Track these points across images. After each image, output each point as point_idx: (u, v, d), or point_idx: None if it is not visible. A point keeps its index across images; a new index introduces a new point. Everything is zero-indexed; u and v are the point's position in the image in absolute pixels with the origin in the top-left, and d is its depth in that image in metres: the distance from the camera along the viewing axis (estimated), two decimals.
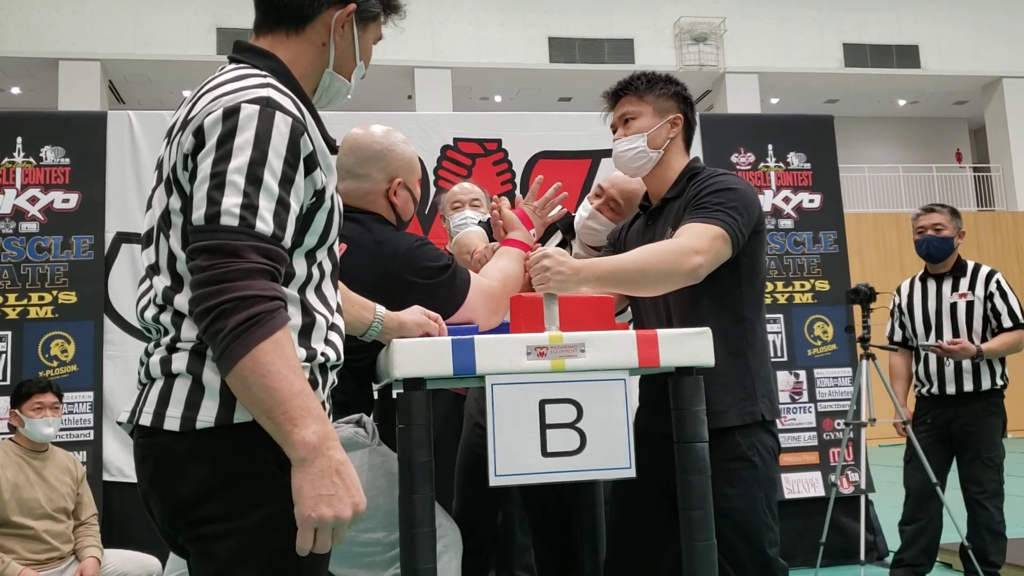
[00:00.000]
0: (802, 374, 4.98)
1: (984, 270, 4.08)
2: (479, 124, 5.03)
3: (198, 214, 1.28)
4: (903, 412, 4.10)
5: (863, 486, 4.26)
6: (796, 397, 4.95)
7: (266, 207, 1.29)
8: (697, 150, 5.18)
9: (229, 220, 1.26)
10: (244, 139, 1.30)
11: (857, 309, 4.30)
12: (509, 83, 16.98)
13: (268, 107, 1.33)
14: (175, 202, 1.35)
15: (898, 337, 4.28)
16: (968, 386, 3.96)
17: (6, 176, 4.57)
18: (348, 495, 1.25)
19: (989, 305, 4.00)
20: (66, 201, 4.58)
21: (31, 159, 4.60)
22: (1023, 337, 3.95)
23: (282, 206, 1.31)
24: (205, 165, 1.30)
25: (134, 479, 1.42)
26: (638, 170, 2.38)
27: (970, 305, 4.01)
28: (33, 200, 4.57)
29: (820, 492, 4.77)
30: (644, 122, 2.35)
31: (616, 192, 2.70)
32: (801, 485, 4.82)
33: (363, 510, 1.27)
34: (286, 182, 1.32)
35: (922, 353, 4.10)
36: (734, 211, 2.17)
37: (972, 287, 4.04)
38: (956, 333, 4.01)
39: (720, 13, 16.58)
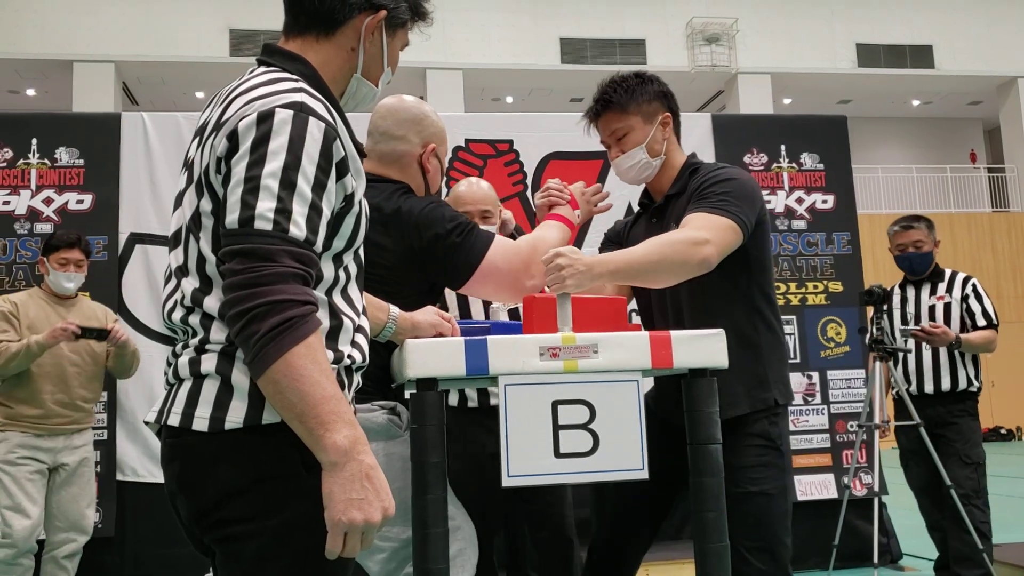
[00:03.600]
0: (815, 375, 4.95)
1: (960, 276, 4.25)
2: (491, 125, 5.03)
3: (231, 218, 1.29)
4: (886, 413, 4.20)
5: (876, 488, 4.24)
6: (809, 399, 4.92)
7: (299, 212, 1.30)
8: (709, 150, 5.23)
9: (263, 224, 1.27)
10: (278, 144, 1.31)
11: (870, 310, 4.29)
12: (520, 84, 16.97)
13: (302, 112, 1.34)
14: (206, 204, 1.36)
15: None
16: (946, 384, 4.08)
17: (21, 177, 4.60)
18: (378, 499, 1.26)
19: (964, 306, 4.16)
20: (80, 202, 4.61)
21: (46, 160, 4.63)
22: (995, 337, 4.11)
23: (314, 211, 1.32)
24: (239, 169, 1.31)
25: (147, 479, 1.43)
26: (646, 179, 2.38)
27: (947, 307, 4.17)
28: (48, 201, 4.59)
29: (833, 494, 4.75)
30: (637, 135, 2.32)
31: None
32: (814, 487, 4.80)
33: (392, 515, 1.28)
34: (319, 187, 1.33)
35: (900, 355, 4.19)
36: (740, 200, 2.17)
37: (949, 290, 4.20)
38: None
39: (732, 13, 16.52)
